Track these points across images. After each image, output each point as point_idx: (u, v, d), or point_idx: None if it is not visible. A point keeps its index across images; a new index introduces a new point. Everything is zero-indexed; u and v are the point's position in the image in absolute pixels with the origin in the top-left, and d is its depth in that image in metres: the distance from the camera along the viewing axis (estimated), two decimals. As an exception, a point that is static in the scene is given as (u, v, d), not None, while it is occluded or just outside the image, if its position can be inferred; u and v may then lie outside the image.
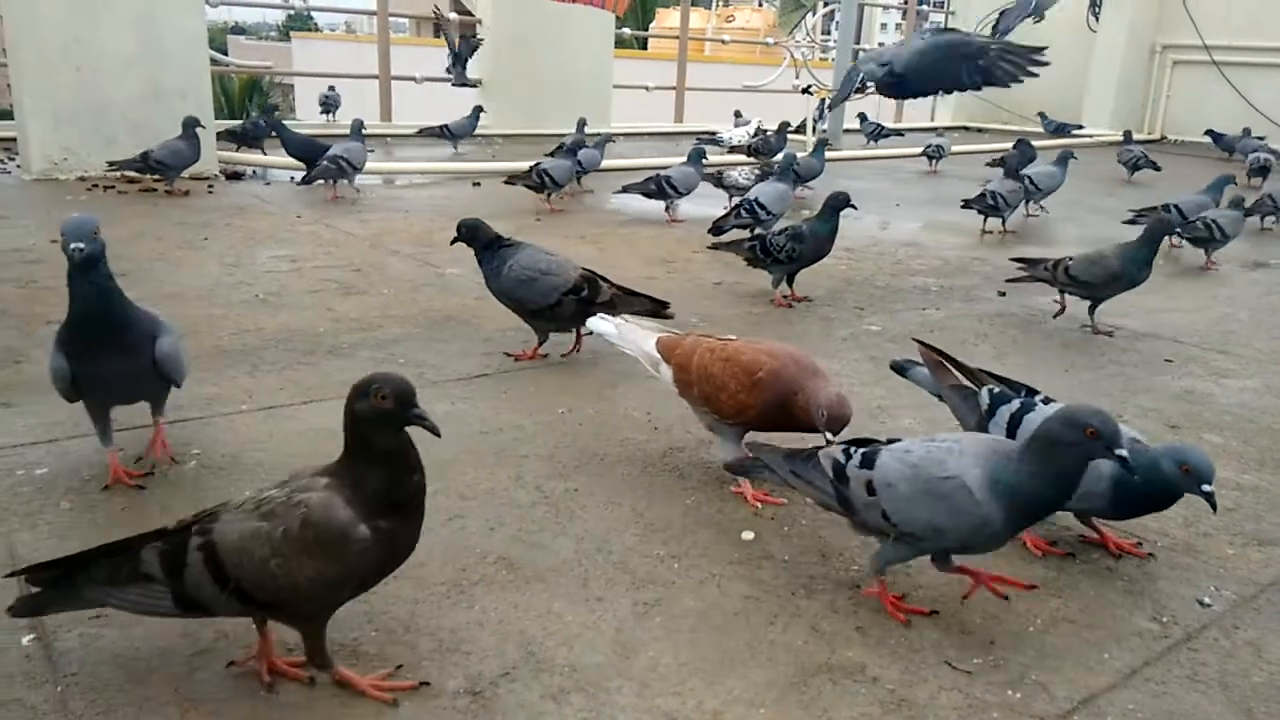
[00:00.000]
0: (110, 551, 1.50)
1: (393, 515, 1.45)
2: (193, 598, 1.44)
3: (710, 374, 2.26)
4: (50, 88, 5.98)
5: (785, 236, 3.94)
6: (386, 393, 1.42)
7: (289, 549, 1.40)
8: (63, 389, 2.12)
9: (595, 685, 1.58)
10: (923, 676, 1.64)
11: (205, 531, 1.45)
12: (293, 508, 1.42)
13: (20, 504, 2.06)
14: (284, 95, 26.62)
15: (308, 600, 1.44)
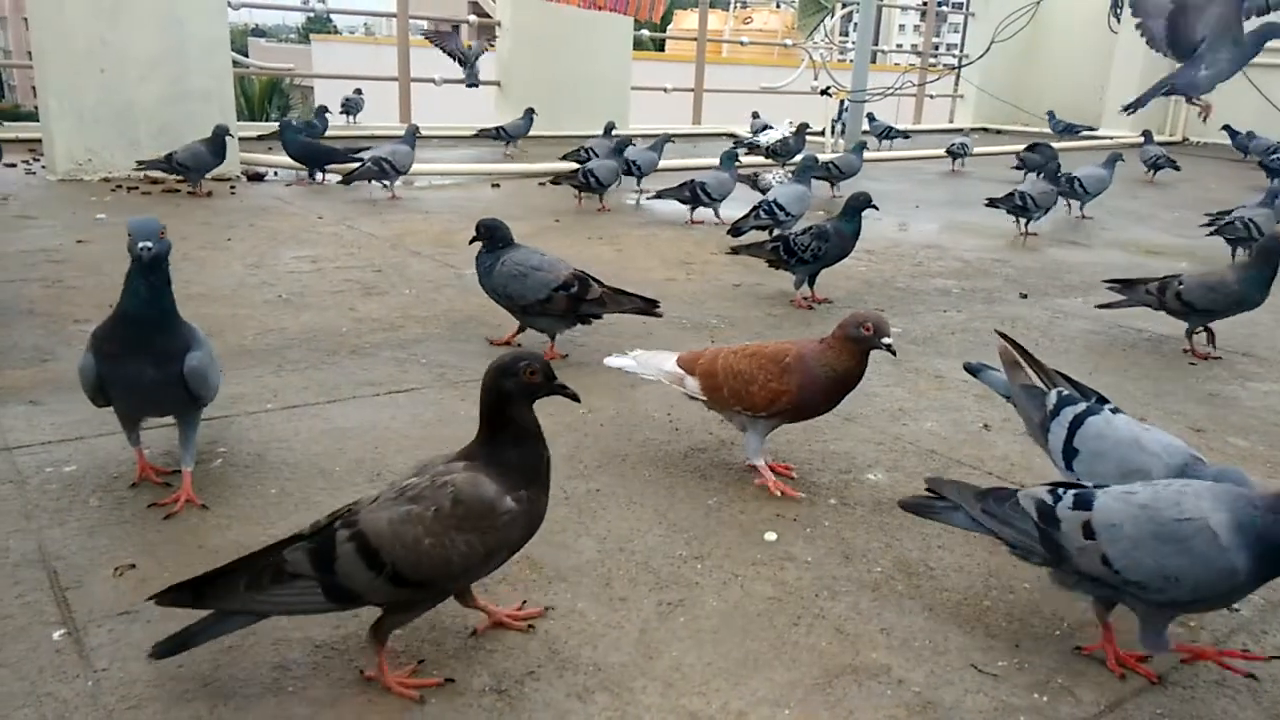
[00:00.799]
0: (246, 564, 1.52)
1: (529, 486, 1.55)
2: (344, 587, 1.50)
3: (738, 371, 2.29)
4: (75, 89, 6.04)
5: (809, 236, 3.93)
6: (536, 369, 1.55)
7: (441, 526, 1.49)
8: (89, 389, 2.10)
9: (620, 684, 1.58)
10: (948, 679, 1.63)
11: (351, 524, 1.51)
12: (440, 489, 1.50)
13: (49, 501, 2.08)
14: (303, 98, 26.78)
15: (460, 574, 1.54)
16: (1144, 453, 1.93)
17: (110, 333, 2.06)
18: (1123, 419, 2.04)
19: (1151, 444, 1.94)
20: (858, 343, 2.18)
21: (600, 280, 3.22)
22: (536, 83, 9.65)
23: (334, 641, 1.65)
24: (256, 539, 1.95)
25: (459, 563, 1.50)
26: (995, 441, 2.66)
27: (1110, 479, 1.96)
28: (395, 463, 2.35)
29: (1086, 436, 2.02)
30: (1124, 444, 1.96)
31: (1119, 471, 1.94)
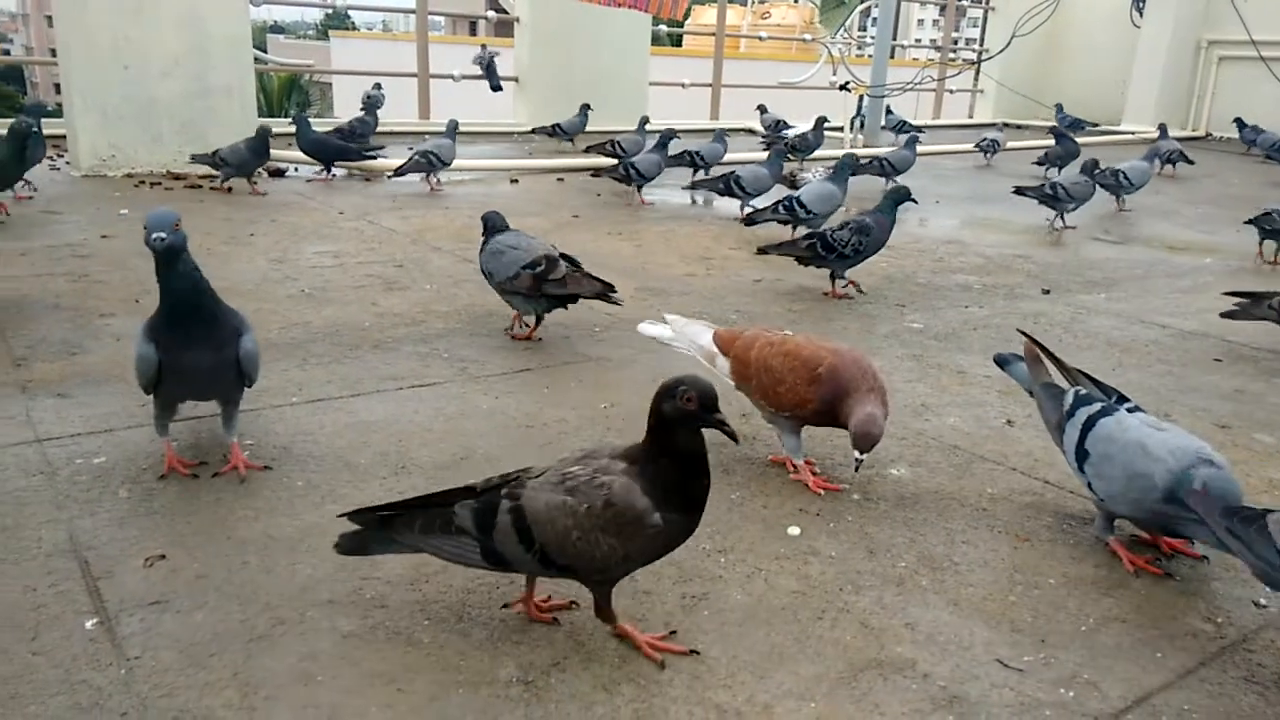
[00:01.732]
0: (426, 504, 1.68)
1: (680, 509, 1.56)
2: (499, 553, 1.60)
3: (769, 367, 2.28)
4: (99, 86, 6.09)
5: (850, 231, 3.92)
6: (692, 395, 1.50)
7: (589, 524, 1.54)
8: (146, 378, 2.15)
9: (645, 677, 1.59)
10: (974, 674, 1.63)
11: (514, 496, 1.60)
12: (596, 488, 1.55)
13: (79, 492, 2.10)
14: (321, 94, 26.94)
15: (600, 570, 1.59)
16: (1148, 458, 1.92)
17: (167, 324, 2.12)
18: (1137, 420, 2.02)
19: (1157, 448, 1.91)
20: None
21: (579, 265, 3.28)
22: (555, 78, 9.66)
23: (361, 632, 1.66)
24: (284, 531, 1.98)
25: (600, 560, 1.56)
26: (1019, 437, 2.65)
27: (1116, 483, 1.96)
28: (419, 456, 2.37)
29: (1097, 439, 2.01)
30: (1130, 448, 1.95)
31: (1124, 475, 1.94)
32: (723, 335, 2.43)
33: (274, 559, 1.87)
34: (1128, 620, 1.82)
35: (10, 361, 2.88)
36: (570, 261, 3.29)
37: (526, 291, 3.23)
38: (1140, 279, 4.75)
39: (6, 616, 1.66)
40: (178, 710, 1.45)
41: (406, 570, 1.85)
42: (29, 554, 1.85)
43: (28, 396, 2.62)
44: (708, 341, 2.44)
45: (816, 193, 4.87)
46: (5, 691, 1.48)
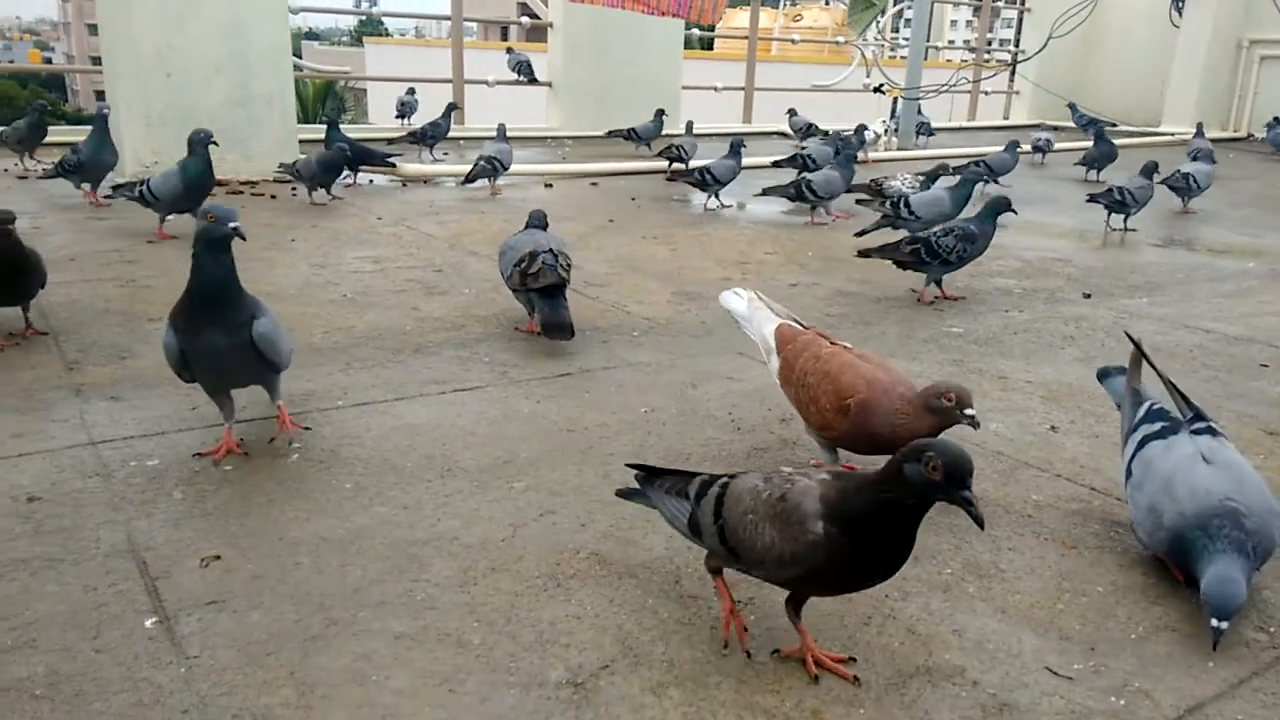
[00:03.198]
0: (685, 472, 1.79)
1: (857, 538, 1.48)
2: (697, 521, 1.67)
3: (806, 383, 2.26)
4: (143, 93, 6.20)
5: (954, 238, 3.90)
6: (938, 465, 1.39)
7: (761, 511, 1.57)
8: (173, 364, 2.29)
9: (694, 680, 1.60)
10: (1024, 681, 1.63)
11: (733, 476, 1.67)
12: (785, 481, 1.58)
13: (134, 494, 2.15)
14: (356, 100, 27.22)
15: (758, 562, 1.58)
16: (1166, 494, 1.90)
17: (185, 310, 2.25)
18: (1192, 447, 1.96)
19: (1181, 486, 1.88)
20: (937, 414, 2.04)
21: (565, 263, 3.29)
22: (588, 83, 9.71)
23: (413, 633, 1.69)
24: (335, 532, 2.01)
25: (759, 551, 1.56)
26: (1064, 443, 2.63)
27: (1139, 510, 1.96)
28: (463, 459, 2.40)
29: (1140, 461, 2.01)
30: (1157, 479, 1.94)
31: (1146, 504, 1.93)
32: (783, 332, 2.38)
33: (325, 560, 1.90)
34: (1178, 629, 1.81)
35: (63, 365, 2.95)
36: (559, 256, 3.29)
37: (516, 287, 3.33)
38: (1183, 283, 4.69)
39: (69, 615, 1.70)
40: (237, 708, 1.49)
41: (455, 573, 1.88)
42: (88, 554, 1.90)
43: (81, 399, 2.68)
44: (770, 333, 2.40)
45: (927, 199, 4.82)
46: (70, 689, 1.52)
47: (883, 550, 1.50)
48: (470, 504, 2.17)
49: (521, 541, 2.02)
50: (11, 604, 1.73)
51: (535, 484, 2.28)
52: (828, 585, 1.61)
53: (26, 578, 1.81)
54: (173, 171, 4.68)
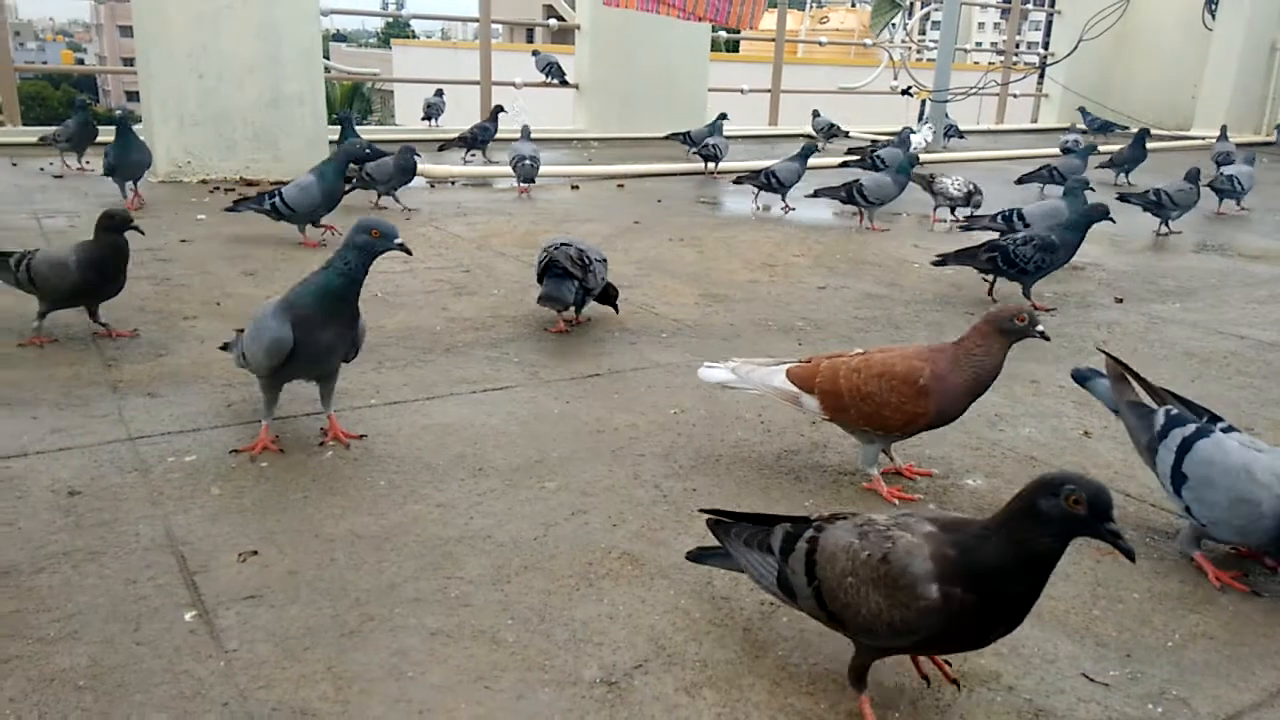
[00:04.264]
0: (764, 520, 1.67)
1: (985, 595, 1.36)
2: (788, 581, 1.55)
3: (867, 394, 2.21)
4: (176, 94, 6.28)
5: (1033, 247, 3.82)
6: (1081, 499, 1.31)
7: (862, 574, 1.44)
8: (277, 359, 2.31)
9: (727, 681, 1.60)
10: (1059, 687, 1.62)
11: (820, 529, 1.54)
12: (885, 537, 1.44)
13: (173, 489, 2.18)
14: (383, 101, 27.42)
15: (865, 630, 1.47)
16: (1254, 483, 1.88)
17: (315, 307, 2.32)
18: (1235, 441, 1.97)
19: (1263, 473, 1.88)
20: (1011, 335, 2.14)
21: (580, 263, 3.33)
22: (615, 85, 9.73)
23: (448, 630, 1.70)
24: (369, 529, 2.03)
25: (865, 619, 1.44)
26: (1097, 449, 2.61)
27: (1219, 509, 1.92)
28: (494, 458, 2.41)
29: (1195, 462, 1.96)
30: (1233, 472, 1.91)
31: (1228, 501, 1.90)
32: (798, 373, 2.33)
33: (361, 556, 1.92)
34: (1215, 637, 1.79)
35: (101, 362, 2.99)
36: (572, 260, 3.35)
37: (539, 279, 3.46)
38: (1215, 288, 4.64)
39: (111, 608, 1.73)
40: (276, 702, 1.50)
41: (488, 571, 1.89)
42: (128, 548, 1.93)
43: (119, 396, 2.72)
44: (782, 383, 2.33)
45: (1042, 210, 4.73)
46: (113, 680, 1.54)
47: (1013, 602, 1.37)
48: (502, 503, 2.18)
49: (553, 541, 2.03)
50: (55, 595, 1.76)
51: (566, 484, 2.29)
52: (943, 648, 1.49)
53: (69, 570, 1.84)
54: (310, 183, 4.64)
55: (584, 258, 3.38)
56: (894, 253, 5.12)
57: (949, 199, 5.84)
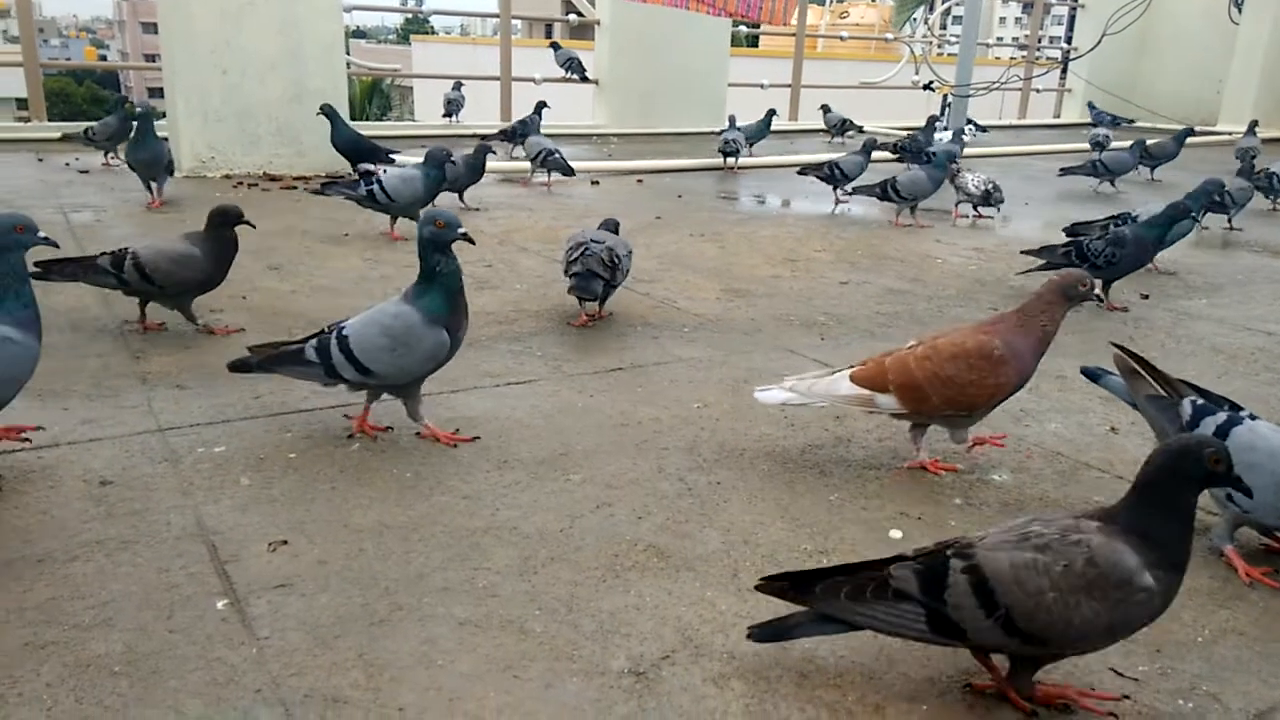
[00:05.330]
0: (838, 572, 1.56)
1: (1170, 571, 1.43)
2: (950, 620, 1.46)
3: (947, 378, 2.22)
4: (200, 90, 6.33)
5: (1104, 242, 3.77)
6: (1221, 456, 1.45)
7: (1068, 585, 1.41)
8: (436, 362, 2.41)
9: (755, 673, 1.60)
10: (1088, 682, 1.61)
11: (965, 556, 1.47)
12: (1072, 544, 1.43)
13: (203, 479, 2.20)
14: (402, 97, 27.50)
15: (1077, 640, 1.45)
16: None
17: (450, 307, 2.40)
18: (1265, 426, 1.97)
19: None
20: (1073, 299, 2.26)
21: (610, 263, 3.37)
22: (635, 80, 9.73)
23: (476, 619, 1.71)
24: (397, 520, 2.04)
25: (1078, 627, 1.41)
26: (1124, 444, 2.60)
27: (1267, 491, 1.90)
28: (519, 451, 2.42)
29: (1235, 449, 1.95)
30: (1277, 455, 1.89)
31: (1274, 483, 1.88)
32: (864, 376, 2.31)
33: (389, 546, 1.94)
34: (1245, 633, 1.78)
35: (129, 355, 3.02)
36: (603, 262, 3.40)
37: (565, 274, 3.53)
38: (1242, 284, 4.59)
39: (144, 596, 1.75)
40: (308, 689, 1.52)
41: (515, 562, 1.90)
42: (159, 537, 1.95)
43: (148, 388, 2.75)
44: (850, 389, 2.31)
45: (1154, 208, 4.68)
46: (147, 666, 1.56)
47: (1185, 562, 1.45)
48: (528, 495, 2.19)
49: (579, 532, 2.04)
50: (89, 583, 1.78)
51: (591, 476, 2.30)
52: (1139, 629, 1.49)
53: (102, 558, 1.86)
54: (415, 176, 4.70)
55: (614, 257, 3.41)
56: (916, 248, 5.10)
57: (968, 196, 5.81)
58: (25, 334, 2.12)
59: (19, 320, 2.11)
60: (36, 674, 1.53)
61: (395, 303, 2.44)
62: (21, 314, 2.12)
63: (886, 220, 5.83)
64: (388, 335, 2.36)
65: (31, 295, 2.17)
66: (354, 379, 2.40)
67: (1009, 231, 5.79)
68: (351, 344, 2.36)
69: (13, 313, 2.11)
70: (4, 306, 2.11)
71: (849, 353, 3.31)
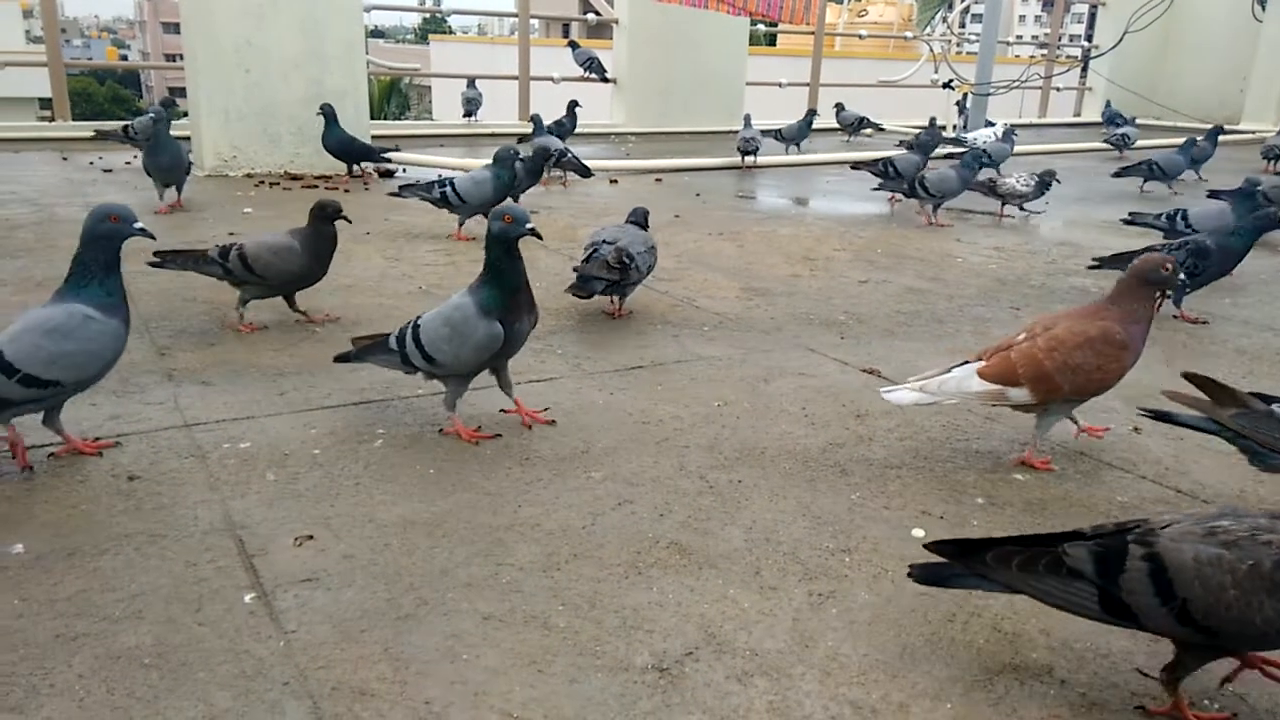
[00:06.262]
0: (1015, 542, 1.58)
1: None
2: (1123, 603, 1.47)
3: (1077, 365, 2.30)
4: (222, 89, 6.38)
5: (1185, 252, 3.66)
6: None
7: (1252, 584, 1.40)
8: (490, 353, 2.43)
9: (778, 670, 1.61)
10: (1113, 682, 1.61)
11: (1146, 544, 1.47)
12: (1261, 544, 1.41)
13: (229, 474, 2.22)
14: (419, 97, 27.61)
15: (1257, 639, 1.45)
16: None
17: (507, 301, 2.43)
18: None
19: None
20: (1156, 284, 2.33)
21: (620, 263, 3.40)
22: (653, 79, 9.74)
23: (500, 614, 1.72)
24: (420, 516, 2.06)
25: (1260, 627, 1.40)
26: (1148, 445, 2.58)
27: None
28: (541, 448, 2.43)
29: None
30: None
31: None
32: (993, 371, 2.36)
33: (413, 542, 1.95)
34: (1272, 635, 1.77)
35: (155, 351, 3.05)
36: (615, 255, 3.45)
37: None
38: (1266, 284, 4.56)
39: (173, 589, 1.77)
40: (335, 681, 1.53)
41: (538, 558, 1.91)
42: (187, 531, 1.97)
43: (174, 384, 2.77)
44: (981, 386, 2.36)
45: (1209, 213, 4.63)
46: (176, 659, 1.58)
47: None
48: (550, 492, 2.20)
49: (601, 530, 2.05)
50: (118, 576, 1.80)
51: (612, 474, 2.31)
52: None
53: (131, 552, 1.88)
54: (486, 179, 4.73)
55: (623, 257, 3.42)
56: (936, 247, 5.08)
57: (1018, 197, 5.75)
58: (107, 316, 2.20)
59: (100, 305, 2.20)
60: (68, 665, 1.55)
61: (460, 294, 2.50)
62: (104, 301, 2.21)
63: (905, 219, 5.82)
64: (448, 325, 2.43)
65: (117, 285, 2.26)
66: (422, 367, 2.48)
67: (1032, 231, 5.76)
68: (420, 333, 2.45)
69: (95, 299, 2.20)
70: (87, 292, 2.21)
71: (870, 351, 3.31)
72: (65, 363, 2.15)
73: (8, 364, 2.11)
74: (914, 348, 3.38)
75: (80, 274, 2.23)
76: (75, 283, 2.22)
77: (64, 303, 2.20)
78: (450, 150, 8.02)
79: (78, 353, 2.17)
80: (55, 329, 2.15)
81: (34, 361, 2.12)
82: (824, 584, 1.87)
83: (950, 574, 1.61)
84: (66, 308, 2.19)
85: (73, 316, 2.17)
